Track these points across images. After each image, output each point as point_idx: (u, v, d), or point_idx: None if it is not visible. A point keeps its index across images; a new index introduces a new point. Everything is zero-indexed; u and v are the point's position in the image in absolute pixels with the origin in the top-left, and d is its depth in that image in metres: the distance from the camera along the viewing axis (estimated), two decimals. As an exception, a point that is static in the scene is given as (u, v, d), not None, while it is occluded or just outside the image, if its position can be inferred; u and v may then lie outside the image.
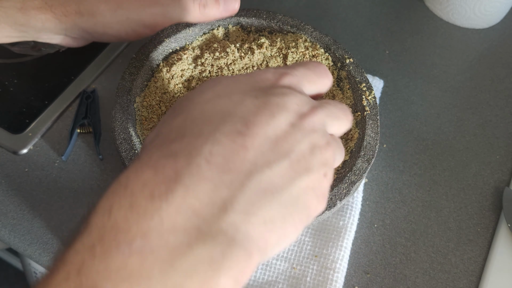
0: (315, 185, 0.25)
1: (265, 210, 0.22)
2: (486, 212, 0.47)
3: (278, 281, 0.41)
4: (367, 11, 0.65)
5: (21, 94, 0.53)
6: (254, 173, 0.22)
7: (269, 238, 0.22)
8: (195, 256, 0.19)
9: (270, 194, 0.22)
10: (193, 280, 0.19)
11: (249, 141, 0.23)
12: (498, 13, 0.61)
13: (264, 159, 0.23)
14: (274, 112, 0.25)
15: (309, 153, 0.25)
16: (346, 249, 0.43)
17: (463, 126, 0.54)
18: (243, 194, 0.22)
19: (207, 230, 0.20)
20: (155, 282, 0.18)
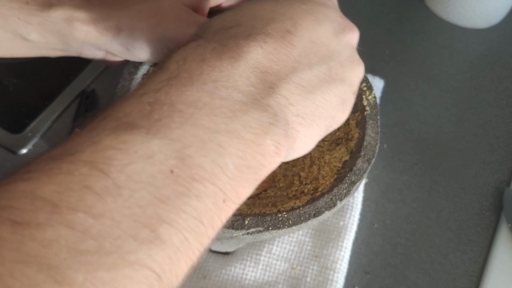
0: (345, 97, 0.27)
1: (301, 104, 0.24)
2: (486, 212, 0.47)
3: (278, 281, 0.41)
4: (367, 11, 0.65)
5: (21, 94, 0.53)
6: (297, 69, 0.24)
7: (298, 130, 0.24)
8: (251, 116, 0.21)
9: (307, 92, 0.25)
10: (248, 132, 0.21)
11: (296, 40, 0.25)
12: (498, 13, 0.61)
13: (307, 59, 0.25)
14: (320, 19, 0.26)
15: (347, 64, 0.27)
16: (346, 250, 0.43)
17: (463, 126, 0.54)
18: (286, 84, 0.24)
19: (260, 100, 0.22)
20: (220, 121, 0.20)
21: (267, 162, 0.22)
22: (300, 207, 0.37)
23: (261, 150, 0.21)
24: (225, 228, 0.35)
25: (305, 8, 0.27)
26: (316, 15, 0.26)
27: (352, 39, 0.28)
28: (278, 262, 0.42)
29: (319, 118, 0.25)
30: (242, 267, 0.42)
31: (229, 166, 0.20)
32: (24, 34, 0.37)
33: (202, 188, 0.19)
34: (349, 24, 0.29)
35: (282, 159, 0.23)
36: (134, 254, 0.16)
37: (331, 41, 0.27)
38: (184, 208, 0.18)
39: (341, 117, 0.28)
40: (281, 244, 0.43)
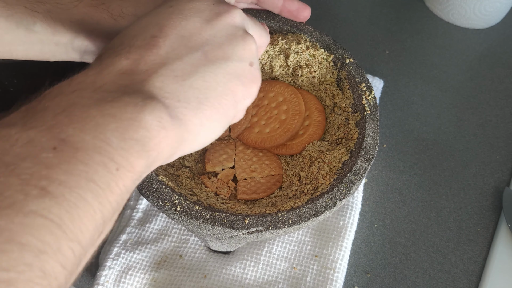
0: (238, 72, 0.29)
1: (178, 90, 0.26)
2: (486, 212, 0.47)
3: (278, 281, 0.41)
4: (367, 11, 0.65)
5: (21, 94, 0.53)
6: (167, 64, 0.26)
7: (184, 113, 0.26)
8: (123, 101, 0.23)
9: (182, 79, 0.26)
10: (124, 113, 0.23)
11: (161, 41, 0.27)
12: (498, 13, 0.61)
13: (176, 52, 0.27)
14: (187, 14, 0.28)
15: (227, 43, 0.29)
16: (346, 249, 0.43)
17: (463, 126, 0.54)
18: (158, 77, 0.26)
19: (131, 91, 0.24)
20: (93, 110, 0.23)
21: (152, 135, 0.24)
22: (300, 207, 0.37)
23: (142, 124, 0.23)
24: (225, 228, 0.35)
25: (172, 10, 0.28)
26: (182, 12, 0.28)
27: (230, 20, 0.30)
28: (278, 261, 0.42)
29: (206, 98, 0.27)
30: (242, 267, 0.42)
31: (113, 140, 0.22)
32: (29, 24, 0.37)
33: (87, 157, 0.21)
34: (222, 8, 0.30)
35: (175, 135, 0.25)
36: (27, 206, 0.19)
37: (203, 29, 0.28)
38: (73, 172, 0.21)
39: (246, 91, 0.29)
40: (281, 243, 0.43)
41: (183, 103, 0.26)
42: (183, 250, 0.43)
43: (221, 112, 0.28)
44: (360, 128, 0.43)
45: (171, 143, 0.25)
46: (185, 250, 0.43)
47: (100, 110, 0.23)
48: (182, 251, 0.43)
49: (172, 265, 0.43)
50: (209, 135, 0.28)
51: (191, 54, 0.27)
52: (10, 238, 0.18)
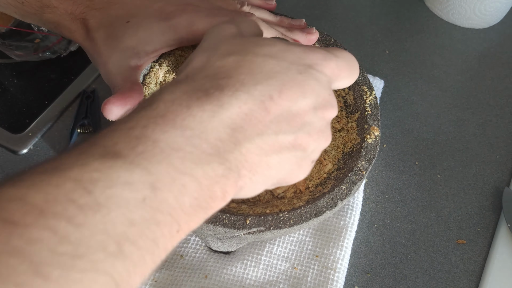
0: (302, 164, 0.30)
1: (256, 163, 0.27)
2: (486, 212, 0.47)
3: (279, 281, 0.41)
4: (367, 11, 0.65)
5: (21, 94, 0.53)
6: (263, 134, 0.27)
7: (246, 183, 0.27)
8: (211, 167, 0.24)
9: (265, 154, 0.27)
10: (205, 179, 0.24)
11: (274, 108, 0.27)
12: (498, 13, 0.61)
13: (277, 126, 0.27)
14: (307, 93, 0.28)
15: (315, 137, 0.29)
16: (346, 249, 0.43)
17: (463, 126, 0.54)
18: (249, 144, 0.26)
19: (222, 154, 0.25)
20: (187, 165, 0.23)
21: (214, 204, 0.25)
22: (301, 207, 0.37)
23: (211, 195, 0.25)
24: (227, 228, 0.35)
25: (299, 79, 0.28)
26: (305, 88, 0.28)
27: (329, 115, 0.30)
28: (279, 261, 0.42)
29: (268, 177, 0.28)
30: (243, 267, 0.42)
31: (186, 204, 0.23)
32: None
33: (162, 218, 0.22)
34: (331, 102, 0.30)
35: (225, 203, 0.26)
36: (101, 263, 0.19)
37: (307, 113, 0.28)
38: (146, 232, 0.21)
39: (292, 179, 0.31)
40: (282, 243, 0.43)
41: (250, 174, 0.27)
42: (184, 250, 0.43)
43: (266, 187, 0.29)
44: (361, 128, 0.43)
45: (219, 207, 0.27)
46: (186, 250, 0.43)
47: (191, 168, 0.24)
48: (183, 251, 0.43)
49: (173, 265, 0.43)
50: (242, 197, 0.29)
51: (286, 134, 0.28)
52: None
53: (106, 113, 0.36)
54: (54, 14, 0.40)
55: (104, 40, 0.39)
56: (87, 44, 0.40)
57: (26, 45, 0.54)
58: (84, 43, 0.41)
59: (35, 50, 0.54)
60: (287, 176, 0.30)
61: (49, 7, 0.40)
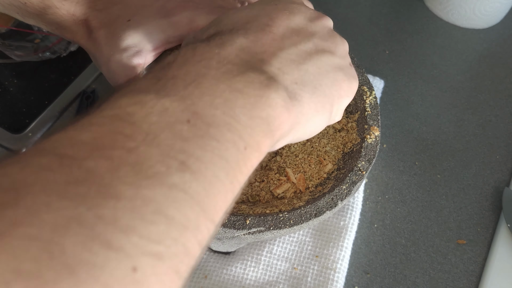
0: (342, 67, 0.30)
1: (296, 73, 0.27)
2: (486, 212, 0.47)
3: (279, 281, 0.41)
4: (367, 11, 0.65)
5: (21, 94, 0.53)
6: (283, 48, 0.27)
7: (301, 95, 0.26)
8: (249, 77, 0.24)
9: (299, 63, 0.27)
10: (251, 89, 0.23)
11: (275, 29, 0.28)
12: (498, 13, 0.61)
13: (291, 40, 0.28)
14: (294, 11, 0.30)
15: (330, 40, 0.30)
16: (346, 249, 0.43)
17: (463, 126, 0.54)
18: (276, 58, 0.26)
19: (255, 67, 0.25)
20: (221, 83, 0.23)
21: (277, 114, 0.24)
22: (301, 207, 0.37)
23: (268, 102, 0.24)
24: (227, 228, 0.35)
25: (278, 7, 0.30)
26: (289, 10, 0.30)
27: (327, 24, 0.31)
28: (279, 262, 0.42)
29: (320, 85, 0.28)
30: (243, 267, 0.42)
31: (241, 117, 0.22)
32: None
33: (219, 133, 0.21)
34: (320, 14, 0.32)
35: (294, 118, 0.26)
36: (170, 179, 0.18)
37: (308, 25, 0.30)
38: (207, 148, 0.20)
39: (349, 87, 0.30)
40: (282, 244, 0.43)
41: (300, 86, 0.27)
42: (183, 250, 0.43)
43: (329, 102, 0.29)
44: (361, 128, 0.43)
45: (290, 125, 0.26)
46: (185, 250, 0.43)
47: (228, 84, 0.23)
48: (183, 251, 0.43)
49: (173, 265, 0.43)
50: (317, 125, 0.29)
51: (304, 43, 0.28)
52: (157, 209, 0.18)
53: None
54: (56, 15, 0.40)
55: (106, 40, 0.39)
56: (89, 45, 0.40)
57: (26, 45, 0.54)
58: (86, 44, 0.41)
59: (35, 50, 0.54)
60: (338, 82, 0.29)
61: (51, 8, 0.40)
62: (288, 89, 0.26)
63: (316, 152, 0.43)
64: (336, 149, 0.43)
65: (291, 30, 0.29)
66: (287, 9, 0.30)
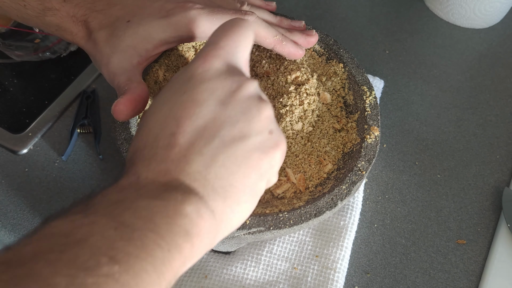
0: (259, 144, 0.29)
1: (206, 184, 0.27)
2: (486, 212, 0.47)
3: (279, 281, 0.41)
4: (367, 11, 0.65)
5: (21, 94, 0.53)
6: (189, 162, 0.27)
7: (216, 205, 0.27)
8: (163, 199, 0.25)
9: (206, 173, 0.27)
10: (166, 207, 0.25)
11: (180, 137, 0.27)
12: (498, 13, 0.61)
13: (195, 147, 0.27)
14: (200, 99, 0.28)
15: (242, 120, 0.28)
16: (347, 249, 0.43)
17: (463, 126, 0.54)
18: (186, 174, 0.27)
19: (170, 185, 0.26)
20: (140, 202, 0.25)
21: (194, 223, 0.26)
22: (301, 207, 0.37)
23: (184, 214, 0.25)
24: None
25: (186, 98, 0.28)
26: (195, 98, 0.28)
27: (243, 93, 0.29)
28: (279, 261, 0.42)
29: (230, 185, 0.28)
30: (243, 267, 0.42)
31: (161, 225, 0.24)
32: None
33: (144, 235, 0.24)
34: (235, 82, 0.29)
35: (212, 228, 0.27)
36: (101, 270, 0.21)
37: (217, 113, 0.28)
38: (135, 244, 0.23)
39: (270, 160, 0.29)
40: (282, 244, 0.43)
41: (211, 195, 0.27)
42: (183, 250, 0.43)
43: (248, 191, 0.29)
44: (361, 128, 0.43)
45: (208, 233, 0.27)
46: (185, 250, 0.43)
47: (147, 203, 0.25)
48: (183, 251, 0.43)
49: (173, 265, 0.43)
50: (242, 216, 0.29)
51: (209, 145, 0.27)
52: None
53: (117, 115, 0.36)
54: (55, 17, 0.40)
55: (105, 41, 0.39)
56: (89, 46, 0.40)
57: (26, 45, 0.54)
58: (85, 45, 0.41)
59: (35, 50, 0.54)
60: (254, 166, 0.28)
61: (51, 10, 0.40)
62: (204, 199, 0.27)
63: (316, 152, 0.43)
64: (336, 149, 0.43)
65: (197, 130, 0.27)
66: (195, 98, 0.28)
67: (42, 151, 0.50)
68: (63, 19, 0.40)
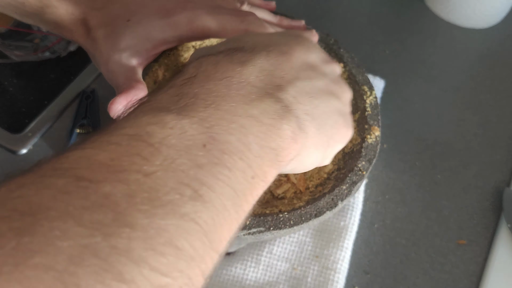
0: (343, 112, 0.31)
1: (308, 105, 0.27)
2: (486, 212, 0.47)
3: (279, 281, 0.41)
4: (367, 11, 0.65)
5: (21, 94, 0.53)
6: (299, 79, 0.28)
7: (308, 127, 0.27)
8: (266, 104, 0.25)
9: (311, 97, 0.28)
10: (266, 117, 0.24)
11: (293, 58, 0.29)
12: (498, 13, 0.61)
13: (306, 73, 0.29)
14: (310, 49, 0.31)
15: (339, 85, 0.32)
16: (347, 250, 0.43)
17: (463, 126, 0.54)
18: (293, 87, 0.27)
19: (271, 93, 0.26)
20: (239, 107, 0.24)
21: (285, 145, 0.25)
22: (301, 207, 0.37)
23: (280, 133, 0.24)
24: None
25: (297, 41, 0.31)
26: (305, 46, 0.31)
27: (336, 69, 0.33)
28: (279, 262, 0.42)
29: (325, 123, 0.29)
30: (243, 268, 0.42)
31: (253, 145, 0.23)
32: None
33: (232, 161, 0.22)
34: (331, 58, 0.33)
35: (298, 149, 0.26)
36: (183, 208, 0.19)
37: (321, 66, 0.31)
38: (219, 176, 0.21)
39: (344, 133, 0.31)
40: (282, 244, 0.43)
41: (310, 118, 0.27)
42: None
43: (327, 142, 0.29)
44: (361, 128, 0.42)
45: (294, 155, 0.26)
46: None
47: (245, 109, 0.24)
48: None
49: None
50: (312, 161, 0.29)
51: (318, 79, 0.29)
52: (168, 240, 0.18)
53: (113, 112, 0.36)
54: (54, 14, 0.40)
55: (105, 40, 0.39)
56: (88, 44, 0.40)
57: (26, 45, 0.54)
58: (85, 43, 0.41)
59: (35, 50, 0.54)
60: (338, 125, 0.30)
61: (49, 7, 0.40)
62: (299, 119, 0.26)
63: (316, 152, 0.43)
64: None
65: (306, 64, 0.30)
66: (304, 45, 0.31)
67: (41, 151, 0.49)
68: (62, 17, 0.40)
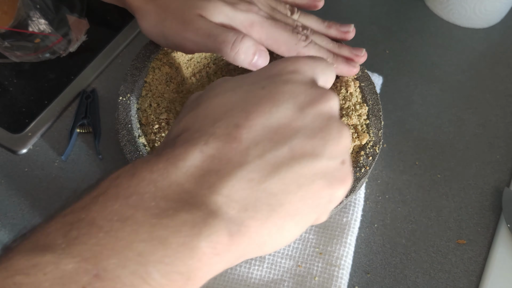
0: (327, 170, 0.25)
1: (248, 198, 0.23)
2: (486, 212, 0.47)
3: (283, 279, 0.41)
4: (367, 11, 0.65)
5: (21, 94, 0.53)
6: (244, 163, 0.23)
7: (249, 225, 0.23)
8: (180, 219, 0.21)
9: (258, 183, 0.23)
10: (176, 237, 0.21)
11: (245, 132, 0.24)
12: (498, 12, 0.61)
13: (258, 149, 0.23)
14: (280, 100, 0.25)
15: (319, 137, 0.25)
16: (350, 246, 0.43)
17: (463, 126, 0.54)
18: (228, 182, 0.23)
19: (193, 202, 0.22)
20: (143, 230, 0.20)
21: (202, 264, 0.21)
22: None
23: (192, 254, 0.21)
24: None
25: (263, 93, 0.25)
26: (274, 98, 0.25)
27: (326, 107, 0.26)
28: (283, 260, 0.42)
29: (281, 205, 0.23)
30: (247, 266, 0.42)
31: (154, 275, 0.20)
32: None
33: None
34: (319, 93, 0.26)
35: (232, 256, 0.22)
36: None
37: (294, 119, 0.25)
38: None
39: (332, 194, 0.25)
40: (284, 242, 0.43)
41: (250, 213, 0.23)
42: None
43: (297, 219, 0.24)
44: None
45: (223, 265, 0.23)
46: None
47: (151, 231, 0.20)
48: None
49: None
50: (279, 244, 0.25)
51: (275, 151, 0.23)
52: None
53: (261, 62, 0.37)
54: None
55: None
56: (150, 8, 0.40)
57: (26, 45, 0.54)
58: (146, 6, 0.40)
59: (35, 51, 0.54)
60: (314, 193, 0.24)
61: None
62: (231, 222, 0.22)
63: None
64: None
65: (266, 131, 0.24)
66: (272, 96, 0.25)
67: (41, 151, 0.49)
68: None
